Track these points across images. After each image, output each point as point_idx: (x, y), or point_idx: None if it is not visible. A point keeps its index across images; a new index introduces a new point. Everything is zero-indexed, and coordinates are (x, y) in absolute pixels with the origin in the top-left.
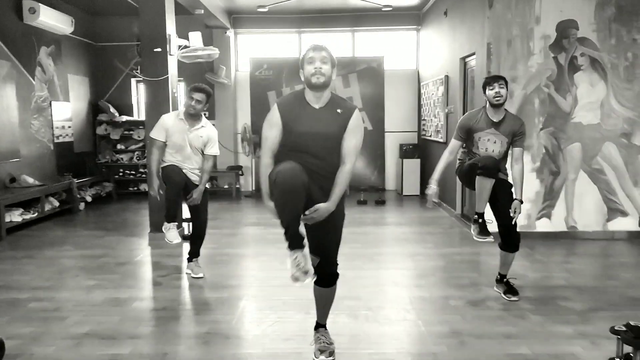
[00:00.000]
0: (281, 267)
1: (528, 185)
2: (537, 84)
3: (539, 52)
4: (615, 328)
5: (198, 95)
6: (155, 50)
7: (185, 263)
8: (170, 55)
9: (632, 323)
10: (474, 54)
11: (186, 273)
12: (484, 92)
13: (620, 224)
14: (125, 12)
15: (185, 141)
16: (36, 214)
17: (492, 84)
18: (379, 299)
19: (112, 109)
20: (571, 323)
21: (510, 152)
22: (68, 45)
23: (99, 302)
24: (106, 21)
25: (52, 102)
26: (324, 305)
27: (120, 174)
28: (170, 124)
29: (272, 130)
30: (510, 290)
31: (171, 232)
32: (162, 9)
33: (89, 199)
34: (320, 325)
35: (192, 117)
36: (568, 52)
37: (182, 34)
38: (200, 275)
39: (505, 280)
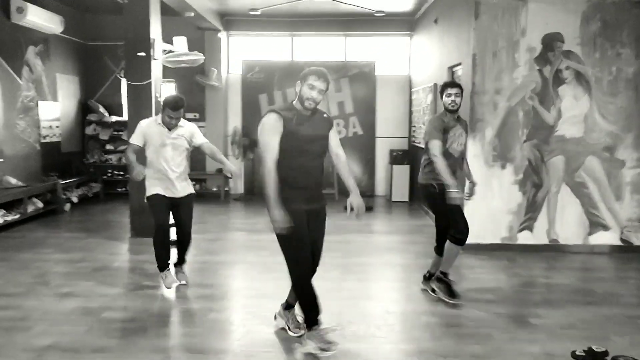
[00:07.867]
0: (259, 277)
1: (510, 197)
2: (521, 96)
3: (524, 65)
4: (576, 353)
5: (175, 114)
6: (138, 54)
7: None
8: (154, 59)
9: (594, 348)
10: (460, 64)
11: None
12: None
13: (602, 238)
14: (116, 10)
15: (165, 141)
16: (18, 216)
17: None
18: (351, 313)
19: (101, 109)
20: (539, 342)
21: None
22: (57, 44)
23: (67, 311)
24: (97, 20)
25: (40, 102)
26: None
27: (109, 174)
28: (146, 128)
29: (275, 136)
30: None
31: (168, 279)
32: (146, 13)
33: (75, 199)
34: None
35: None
36: (553, 65)
37: (174, 34)
38: (184, 282)
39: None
